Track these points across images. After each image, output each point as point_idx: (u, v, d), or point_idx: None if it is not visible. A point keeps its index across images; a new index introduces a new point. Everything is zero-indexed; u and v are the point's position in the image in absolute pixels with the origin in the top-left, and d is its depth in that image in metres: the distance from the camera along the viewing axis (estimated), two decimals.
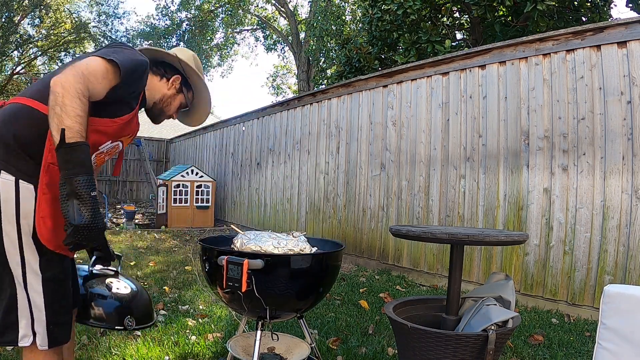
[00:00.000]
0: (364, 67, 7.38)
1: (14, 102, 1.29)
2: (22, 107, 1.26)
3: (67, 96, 1.14)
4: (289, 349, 1.89)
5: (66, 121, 1.13)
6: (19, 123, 1.23)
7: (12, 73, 20.09)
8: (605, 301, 1.19)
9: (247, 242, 1.67)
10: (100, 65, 1.23)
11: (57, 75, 1.16)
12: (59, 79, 1.15)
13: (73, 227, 1.12)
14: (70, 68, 1.18)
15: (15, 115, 1.25)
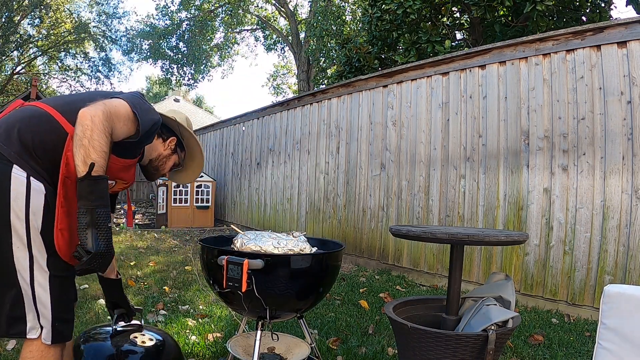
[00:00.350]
0: (364, 67, 7.38)
1: (37, 106, 1.32)
2: (45, 114, 1.30)
3: (96, 131, 1.19)
4: (289, 349, 1.89)
5: (93, 155, 1.18)
6: (39, 127, 1.27)
7: (12, 73, 20.08)
8: (605, 301, 1.19)
9: (247, 242, 1.67)
10: (127, 113, 1.31)
11: (88, 107, 1.21)
12: (89, 112, 1.20)
13: (91, 255, 1.18)
14: (101, 104, 1.24)
15: (37, 118, 1.28)
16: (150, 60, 18.73)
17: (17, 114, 1.30)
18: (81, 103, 1.30)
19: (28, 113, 1.30)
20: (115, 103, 1.30)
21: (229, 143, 8.73)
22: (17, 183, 1.20)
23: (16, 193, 1.20)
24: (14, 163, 1.21)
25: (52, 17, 19.38)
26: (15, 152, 1.22)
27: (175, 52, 18.50)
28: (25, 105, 1.34)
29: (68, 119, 1.30)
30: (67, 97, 1.43)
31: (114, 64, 22.21)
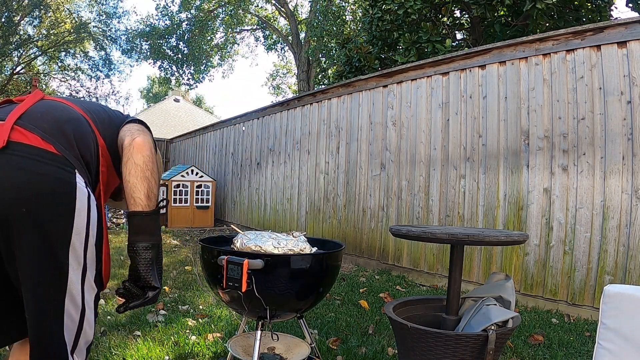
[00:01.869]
0: (364, 67, 7.38)
1: (67, 104, 1.17)
2: (82, 117, 1.17)
3: (155, 164, 1.15)
4: (289, 349, 1.89)
5: (155, 189, 1.14)
6: (85, 130, 1.14)
7: (12, 73, 20.09)
8: (605, 301, 1.19)
9: (247, 242, 1.67)
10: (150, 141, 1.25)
11: (139, 135, 1.16)
12: (147, 142, 1.15)
13: (157, 291, 1.13)
14: (146, 132, 1.20)
15: (81, 121, 1.15)
16: (150, 60, 18.73)
17: (55, 109, 1.11)
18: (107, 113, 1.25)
19: (69, 112, 1.13)
20: (148, 134, 1.24)
21: (229, 143, 8.73)
22: (81, 193, 1.04)
23: (80, 205, 1.04)
24: (76, 168, 1.04)
25: (52, 17, 19.38)
26: (74, 156, 1.06)
27: (175, 52, 18.49)
28: (52, 99, 1.16)
29: (99, 128, 1.20)
30: (82, 102, 1.29)
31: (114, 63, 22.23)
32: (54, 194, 1.00)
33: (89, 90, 21.36)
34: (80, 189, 1.04)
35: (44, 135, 1.00)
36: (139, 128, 1.21)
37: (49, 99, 1.14)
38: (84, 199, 1.05)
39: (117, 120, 1.30)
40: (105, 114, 1.28)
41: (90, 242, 1.08)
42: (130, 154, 1.12)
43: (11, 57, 19.34)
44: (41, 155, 0.99)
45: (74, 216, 1.03)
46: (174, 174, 8.03)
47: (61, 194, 1.01)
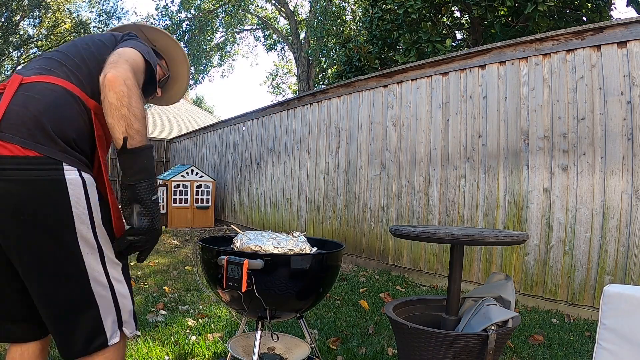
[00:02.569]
0: (364, 67, 7.39)
1: (47, 81, 1.11)
2: (64, 92, 1.11)
3: (133, 96, 1.07)
4: (289, 349, 1.89)
5: (135, 124, 1.07)
6: (67, 110, 1.10)
7: (12, 73, 20.08)
8: (605, 301, 1.19)
9: (247, 242, 1.67)
10: (142, 63, 1.19)
11: (114, 68, 1.07)
12: (119, 75, 1.06)
13: (134, 231, 1.13)
14: (123, 61, 1.10)
15: (61, 102, 1.09)
16: None
17: (33, 98, 1.07)
18: (94, 62, 1.17)
19: (47, 97, 1.08)
20: (133, 56, 1.14)
21: (229, 143, 8.73)
22: (73, 185, 1.06)
23: (76, 197, 1.07)
24: (63, 161, 1.05)
25: (52, 17, 19.39)
26: (59, 149, 1.06)
27: None
28: (31, 82, 1.10)
29: (86, 90, 1.14)
30: (71, 52, 1.21)
31: None
32: (44, 196, 1.03)
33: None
34: (72, 180, 1.06)
35: (23, 142, 1.02)
36: (113, 59, 1.11)
37: (28, 81, 1.10)
38: (78, 188, 1.07)
39: (106, 57, 1.21)
40: (93, 60, 1.20)
41: (97, 224, 1.11)
42: (104, 94, 1.06)
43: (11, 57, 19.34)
44: (23, 162, 1.01)
45: (71, 209, 1.06)
46: (174, 174, 8.03)
47: (52, 194, 1.04)
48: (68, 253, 1.08)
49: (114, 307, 1.16)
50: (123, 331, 1.19)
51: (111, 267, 1.15)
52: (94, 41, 1.29)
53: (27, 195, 1.02)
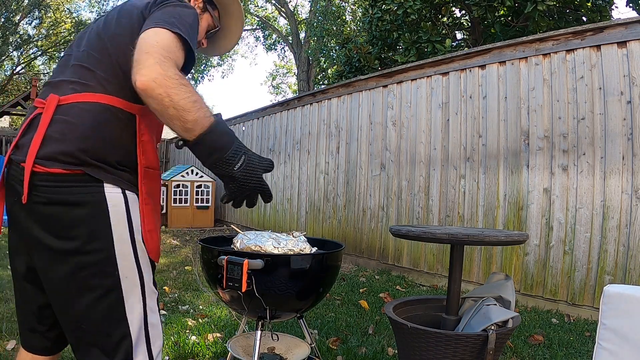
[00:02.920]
0: (364, 67, 7.39)
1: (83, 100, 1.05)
2: (102, 109, 1.05)
3: (171, 92, 0.94)
4: (289, 349, 1.89)
5: (188, 116, 0.96)
6: (107, 130, 1.04)
7: (12, 73, 20.09)
8: (605, 301, 1.19)
9: (247, 242, 1.67)
10: (173, 41, 1.02)
11: (136, 74, 0.96)
12: (149, 77, 0.94)
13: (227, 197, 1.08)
14: (145, 56, 0.96)
15: (100, 119, 1.04)
16: None
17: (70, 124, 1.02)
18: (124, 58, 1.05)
19: (85, 122, 1.02)
20: (155, 42, 1.00)
21: None
22: (114, 202, 1.02)
23: (116, 215, 1.02)
24: (104, 181, 1.02)
25: (52, 17, 19.39)
26: (102, 170, 1.02)
27: None
28: (68, 103, 1.04)
29: (126, 95, 1.06)
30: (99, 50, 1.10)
31: None
32: (83, 215, 1.00)
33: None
34: (113, 199, 1.02)
35: (63, 166, 0.99)
36: (135, 57, 0.98)
37: (65, 103, 1.04)
38: (120, 207, 1.03)
39: None
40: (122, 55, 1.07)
41: (139, 248, 1.06)
42: (144, 100, 0.98)
43: (11, 57, 19.34)
44: (62, 180, 0.99)
45: (111, 230, 1.02)
46: (174, 174, 8.03)
47: (91, 214, 1.00)
48: (106, 277, 1.02)
49: (144, 340, 1.08)
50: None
51: (149, 294, 1.09)
52: (120, 25, 1.13)
53: (62, 211, 0.99)
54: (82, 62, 1.10)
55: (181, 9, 1.11)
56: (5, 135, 11.36)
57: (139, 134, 1.08)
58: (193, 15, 1.13)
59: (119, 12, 1.17)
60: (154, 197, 1.10)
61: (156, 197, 1.11)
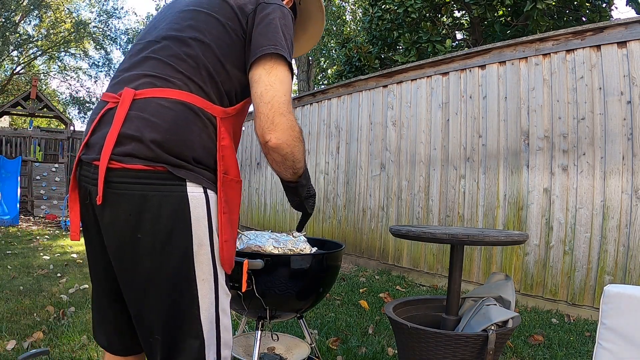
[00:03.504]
0: (364, 67, 7.39)
1: (162, 96, 0.99)
2: (184, 108, 0.99)
3: (295, 150, 1.03)
4: (289, 349, 1.89)
5: (298, 165, 1.09)
6: (188, 131, 0.98)
7: (12, 73, 20.09)
8: (605, 301, 1.19)
9: (247, 242, 1.67)
10: (287, 75, 1.03)
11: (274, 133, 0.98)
12: (283, 140, 0.99)
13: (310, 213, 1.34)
14: (280, 118, 0.98)
15: (181, 118, 0.98)
16: None
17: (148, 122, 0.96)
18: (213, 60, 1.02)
19: (165, 119, 0.97)
20: (284, 86, 1.00)
21: None
22: (196, 203, 0.98)
23: (197, 215, 0.98)
24: (186, 179, 0.97)
25: (52, 16, 19.39)
26: (183, 167, 0.97)
27: None
28: (145, 98, 0.99)
29: (209, 96, 1.02)
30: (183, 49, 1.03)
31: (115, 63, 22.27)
32: (163, 213, 0.95)
33: (89, 90, 21.39)
34: (194, 198, 0.98)
35: (143, 162, 0.94)
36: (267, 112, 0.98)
37: (141, 97, 0.98)
38: (201, 207, 0.99)
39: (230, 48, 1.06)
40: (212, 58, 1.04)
41: (216, 248, 1.02)
42: (266, 151, 1.03)
43: (11, 57, 19.34)
44: (143, 176, 0.94)
45: (191, 229, 0.98)
46: None
47: (171, 211, 0.96)
48: (182, 276, 0.98)
49: (215, 341, 1.04)
50: None
51: (222, 297, 1.06)
52: (210, 24, 1.07)
53: (143, 209, 0.95)
54: (161, 56, 1.04)
55: (285, 21, 1.08)
56: (5, 135, 11.34)
57: (219, 137, 1.03)
58: (291, 18, 1.11)
59: (210, 6, 1.09)
60: (231, 207, 1.05)
61: (234, 207, 1.06)
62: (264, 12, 1.06)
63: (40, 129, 13.12)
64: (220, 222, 1.02)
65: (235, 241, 1.07)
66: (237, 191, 1.07)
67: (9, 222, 7.69)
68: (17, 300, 3.05)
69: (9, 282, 3.61)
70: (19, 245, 5.55)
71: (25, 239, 6.11)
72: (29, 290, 3.34)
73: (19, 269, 4.12)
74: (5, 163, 9.66)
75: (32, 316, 2.73)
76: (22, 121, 21.05)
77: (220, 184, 1.02)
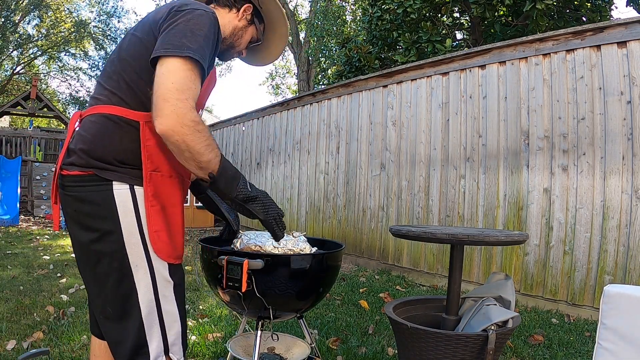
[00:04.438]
0: (364, 67, 7.38)
1: (93, 112, 1.17)
2: (105, 120, 1.15)
3: (187, 138, 1.04)
4: (289, 349, 1.89)
5: (202, 157, 1.08)
6: (109, 138, 1.14)
7: (12, 73, 20.09)
8: (605, 301, 1.19)
9: (247, 242, 1.67)
10: (186, 73, 1.06)
11: (157, 119, 1.03)
12: (167, 126, 1.03)
13: (268, 220, 1.25)
14: (163, 103, 1.03)
15: (103, 129, 1.14)
16: None
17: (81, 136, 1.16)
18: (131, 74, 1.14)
19: (92, 131, 1.15)
20: (178, 81, 1.04)
21: (228, 143, 8.72)
22: (121, 198, 1.12)
23: (124, 209, 1.12)
24: (112, 180, 1.12)
25: (52, 16, 19.39)
26: (109, 170, 1.13)
27: None
28: (85, 116, 1.19)
29: (130, 105, 1.15)
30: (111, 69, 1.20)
31: None
32: (95, 208, 1.13)
33: (89, 90, 21.37)
34: (120, 194, 1.13)
35: (80, 168, 1.14)
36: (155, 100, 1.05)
37: (84, 116, 1.20)
38: (128, 202, 1.13)
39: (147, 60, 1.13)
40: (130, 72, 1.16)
41: (147, 238, 1.14)
42: (165, 142, 1.08)
43: (11, 57, 19.33)
44: (79, 180, 1.14)
45: (119, 222, 1.12)
46: None
47: (101, 207, 1.13)
48: (116, 262, 1.13)
49: (159, 325, 1.16)
50: (170, 357, 1.18)
51: (161, 284, 1.17)
52: (131, 43, 1.20)
53: (82, 207, 1.14)
54: (100, 79, 1.25)
55: (194, 21, 1.12)
56: (5, 135, 11.34)
57: (144, 139, 1.14)
58: (208, 23, 1.14)
59: (136, 27, 1.25)
60: (162, 200, 1.16)
61: (167, 200, 1.17)
62: (171, 20, 1.14)
63: (40, 129, 13.12)
64: (148, 214, 1.14)
65: (167, 232, 1.17)
66: (172, 186, 1.19)
67: (9, 222, 7.69)
68: (17, 300, 3.05)
69: (9, 282, 3.61)
70: (19, 245, 5.55)
71: (25, 239, 6.11)
72: (29, 290, 3.34)
73: (19, 269, 4.12)
74: (5, 163, 9.66)
75: (32, 316, 2.73)
76: (22, 121, 21.05)
77: (147, 180, 1.14)
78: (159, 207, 1.16)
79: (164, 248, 1.16)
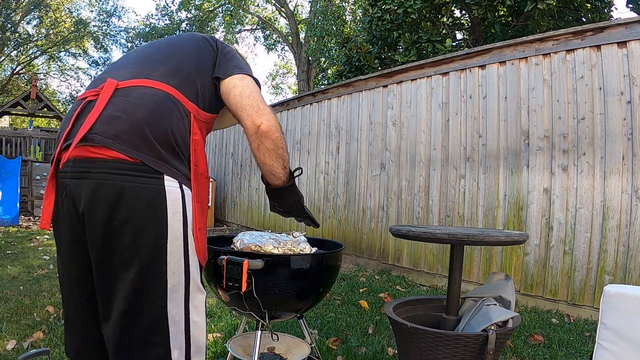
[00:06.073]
0: (364, 67, 7.38)
1: (145, 85, 1.05)
2: (166, 95, 1.05)
3: (282, 137, 1.20)
4: (289, 349, 1.89)
5: (286, 157, 1.26)
6: (169, 115, 1.03)
7: (12, 73, 20.09)
8: (605, 301, 1.19)
9: (247, 242, 1.67)
10: None
11: (261, 117, 1.13)
12: (272, 124, 1.15)
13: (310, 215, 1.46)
14: (263, 105, 1.16)
15: (163, 104, 1.03)
16: None
17: (133, 104, 1.01)
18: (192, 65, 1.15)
19: (149, 102, 1.02)
20: (258, 91, 1.19)
21: (229, 143, 8.72)
22: (173, 196, 1.00)
23: (173, 211, 1.00)
24: (164, 173, 0.99)
25: (52, 16, 19.39)
26: (162, 159, 1.00)
27: None
28: (128, 86, 1.05)
29: (186, 93, 1.10)
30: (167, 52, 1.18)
31: None
32: (140, 204, 0.97)
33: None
34: (171, 192, 1.00)
35: (122, 149, 0.96)
36: (253, 104, 1.13)
37: (124, 86, 1.04)
38: (177, 202, 1.01)
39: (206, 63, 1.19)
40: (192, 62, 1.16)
41: (190, 243, 1.04)
42: (259, 140, 1.16)
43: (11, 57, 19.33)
44: (121, 167, 0.96)
45: (167, 223, 1.00)
46: None
47: (148, 204, 0.98)
48: (153, 269, 1.00)
49: (184, 337, 1.05)
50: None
51: (195, 294, 1.07)
52: (189, 41, 1.24)
53: (121, 201, 0.96)
54: (145, 58, 1.17)
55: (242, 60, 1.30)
56: (5, 135, 11.34)
57: (193, 131, 1.09)
58: None
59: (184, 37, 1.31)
60: (201, 199, 1.11)
61: (204, 200, 1.13)
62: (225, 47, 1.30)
63: (40, 129, 13.12)
64: (195, 210, 1.06)
65: (206, 232, 1.14)
66: (206, 186, 1.15)
67: (9, 222, 7.69)
68: (17, 300, 3.05)
69: (9, 282, 3.61)
70: (19, 245, 5.55)
71: (25, 239, 6.11)
72: (29, 290, 3.34)
73: (19, 268, 4.12)
74: (5, 163, 9.66)
75: (32, 316, 2.73)
76: (22, 121, 21.05)
77: (195, 180, 1.08)
78: (200, 207, 1.10)
79: (203, 249, 1.10)
